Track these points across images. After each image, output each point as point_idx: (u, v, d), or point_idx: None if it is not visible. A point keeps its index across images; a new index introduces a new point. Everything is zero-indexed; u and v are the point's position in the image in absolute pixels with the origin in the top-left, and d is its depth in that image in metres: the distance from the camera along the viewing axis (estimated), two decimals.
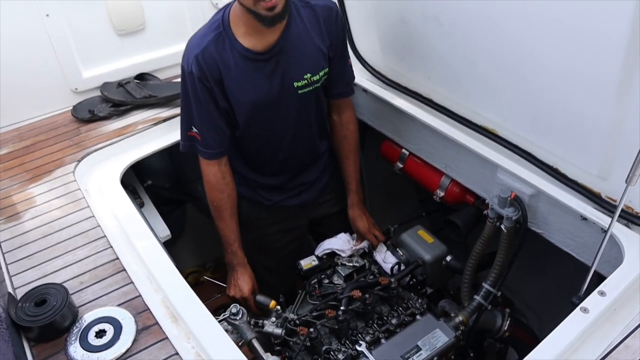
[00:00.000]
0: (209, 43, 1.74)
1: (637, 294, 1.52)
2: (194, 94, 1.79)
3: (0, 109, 2.30)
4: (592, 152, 1.70)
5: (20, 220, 1.85)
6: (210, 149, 1.89)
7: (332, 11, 1.87)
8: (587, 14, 1.46)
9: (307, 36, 1.82)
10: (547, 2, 1.53)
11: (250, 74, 1.78)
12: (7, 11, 2.17)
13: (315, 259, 2.19)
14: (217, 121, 1.85)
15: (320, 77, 1.89)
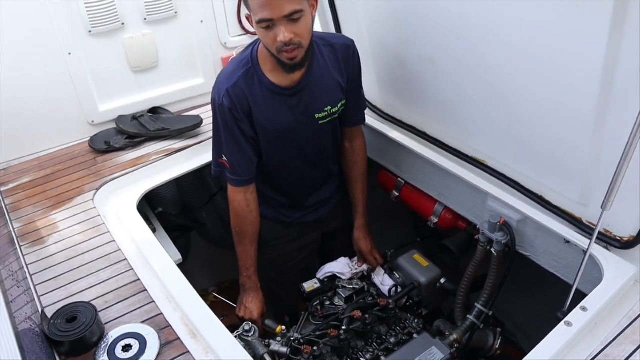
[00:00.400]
0: (239, 78, 1.86)
1: (616, 309, 1.67)
2: (224, 125, 1.91)
3: (22, 139, 2.44)
4: (573, 181, 1.85)
5: (45, 244, 1.97)
6: (238, 176, 2.00)
7: (350, 49, 2.01)
8: (565, 57, 1.61)
9: (327, 72, 1.97)
10: (529, 45, 1.69)
11: (276, 106, 1.92)
12: (33, 49, 2.33)
13: (317, 282, 2.29)
14: (245, 150, 1.96)
15: (339, 109, 2.04)
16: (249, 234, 2.09)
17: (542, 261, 2.05)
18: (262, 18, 1.66)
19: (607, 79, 1.52)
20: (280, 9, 1.63)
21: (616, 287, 1.70)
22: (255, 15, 1.68)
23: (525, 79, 1.80)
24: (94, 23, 2.40)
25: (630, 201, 1.67)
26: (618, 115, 1.57)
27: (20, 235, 2.01)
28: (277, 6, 1.63)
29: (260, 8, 1.64)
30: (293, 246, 2.32)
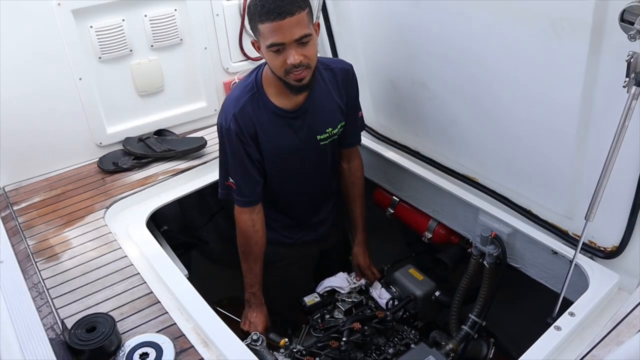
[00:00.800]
0: (245, 103, 1.95)
1: (601, 314, 1.79)
2: (231, 148, 1.99)
3: (32, 160, 2.53)
4: (559, 196, 1.98)
5: (60, 260, 2.05)
6: (244, 197, 2.07)
7: (349, 73, 2.12)
8: (548, 82, 1.76)
9: (328, 95, 2.07)
10: (516, 71, 1.84)
11: (281, 129, 2.01)
12: (46, 74, 2.43)
13: (317, 296, 2.38)
14: (251, 172, 2.03)
15: (339, 130, 2.14)
16: (254, 252, 2.16)
17: (531, 272, 2.17)
18: (274, 42, 1.75)
19: (586, 101, 1.67)
20: (292, 33, 1.74)
21: (601, 294, 1.82)
22: (266, 40, 1.76)
23: (512, 102, 1.94)
24: (104, 50, 2.52)
25: (612, 215, 1.80)
26: (597, 134, 1.71)
27: (34, 251, 2.09)
28: (288, 31, 1.73)
29: (273, 33, 1.73)
30: (294, 266, 2.40)
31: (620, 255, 1.87)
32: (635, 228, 1.79)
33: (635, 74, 1.45)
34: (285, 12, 1.70)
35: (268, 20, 1.72)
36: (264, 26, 1.74)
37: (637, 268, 1.85)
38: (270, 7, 1.71)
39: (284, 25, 1.72)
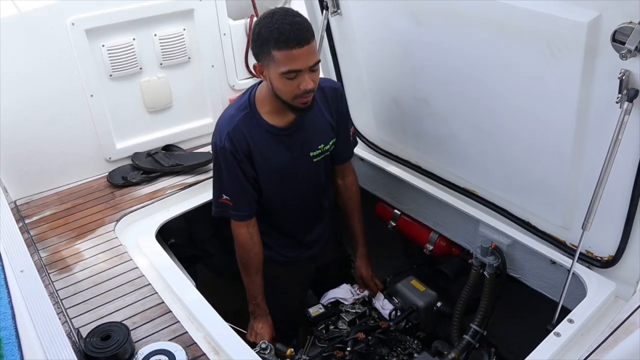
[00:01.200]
0: (239, 122, 1.99)
1: (599, 321, 1.85)
2: (226, 166, 2.03)
3: (42, 175, 2.59)
4: (556, 208, 2.04)
5: (72, 271, 2.11)
6: (241, 212, 2.12)
7: (337, 91, 2.19)
8: (545, 99, 1.83)
9: (319, 113, 2.12)
10: (514, 89, 1.91)
11: (274, 146, 2.06)
12: (59, 92, 2.51)
13: (321, 307, 2.43)
14: (247, 188, 2.08)
15: (330, 146, 2.20)
16: (254, 264, 2.20)
17: (531, 282, 2.22)
18: (292, 69, 1.80)
19: (581, 116, 1.74)
20: (308, 60, 1.81)
21: (599, 301, 1.88)
22: (282, 67, 1.80)
23: (510, 118, 2.01)
24: (115, 68, 2.61)
25: (608, 225, 1.87)
26: (592, 148, 1.78)
27: (47, 263, 2.15)
28: (305, 58, 1.80)
29: (292, 60, 1.78)
30: (290, 283, 2.45)
31: (616, 264, 1.93)
32: (630, 238, 1.85)
33: (627, 90, 1.54)
34: (303, 41, 1.77)
35: (287, 48, 1.76)
36: (281, 53, 1.78)
37: (632, 276, 1.92)
38: (289, 36, 1.75)
39: (302, 53, 1.78)
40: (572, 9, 1.54)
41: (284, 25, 1.76)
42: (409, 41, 2.18)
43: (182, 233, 2.89)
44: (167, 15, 2.67)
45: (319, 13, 2.46)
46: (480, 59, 1.95)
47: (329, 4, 2.36)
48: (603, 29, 1.51)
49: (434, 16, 2.00)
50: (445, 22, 1.97)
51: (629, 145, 1.64)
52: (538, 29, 1.68)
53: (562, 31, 1.62)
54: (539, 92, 1.84)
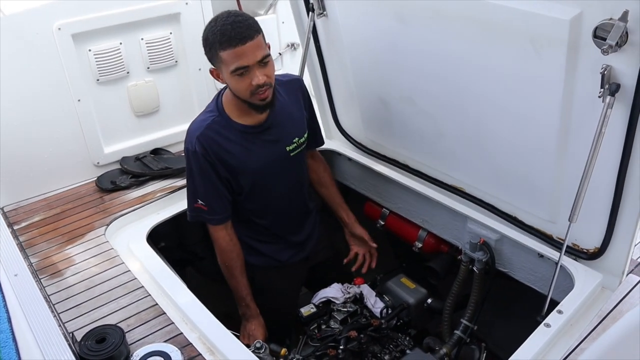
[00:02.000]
0: (208, 125, 2.03)
1: (587, 311, 1.90)
2: (198, 169, 2.06)
3: (30, 181, 2.58)
4: (542, 202, 2.09)
5: (63, 276, 2.10)
6: (217, 215, 2.14)
7: (300, 82, 2.26)
8: (530, 96, 1.87)
9: (288, 107, 2.17)
10: (499, 86, 1.95)
11: (248, 145, 2.08)
12: (46, 97, 2.50)
13: (313, 307, 2.44)
14: (221, 190, 2.10)
15: (305, 139, 2.24)
16: (237, 265, 2.21)
17: (519, 276, 2.26)
18: (238, 66, 1.85)
19: (565, 111, 1.79)
20: (254, 55, 1.85)
21: (586, 292, 1.93)
22: (230, 65, 1.85)
23: (495, 115, 2.05)
24: (102, 72, 2.61)
25: (593, 218, 1.92)
26: (576, 142, 1.83)
27: (38, 269, 2.13)
28: (251, 54, 1.84)
29: (237, 58, 1.83)
30: (284, 286, 2.46)
31: (602, 256, 1.98)
32: (614, 230, 1.90)
33: (609, 84, 1.58)
34: (246, 37, 1.82)
35: (230, 46, 1.82)
36: (227, 53, 1.84)
37: (618, 267, 1.97)
38: (231, 35, 1.81)
39: (246, 50, 1.83)
40: (554, 6, 1.58)
41: (225, 26, 1.82)
42: (394, 41, 2.21)
43: (172, 237, 2.89)
44: (153, 19, 2.68)
45: (305, 15, 2.48)
46: (465, 57, 1.98)
47: (314, 6, 2.38)
48: (584, 26, 1.55)
49: (419, 16, 2.03)
50: (429, 22, 2.00)
51: (612, 139, 1.68)
52: (521, 27, 1.72)
53: (544, 28, 1.66)
54: (524, 89, 1.88)
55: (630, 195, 1.79)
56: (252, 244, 2.32)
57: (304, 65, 2.59)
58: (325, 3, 2.37)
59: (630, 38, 1.48)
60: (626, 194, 1.80)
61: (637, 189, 1.76)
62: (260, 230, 2.32)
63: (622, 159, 1.72)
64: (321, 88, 2.77)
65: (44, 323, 1.38)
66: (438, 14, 1.95)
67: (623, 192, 1.80)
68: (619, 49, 1.50)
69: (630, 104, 1.60)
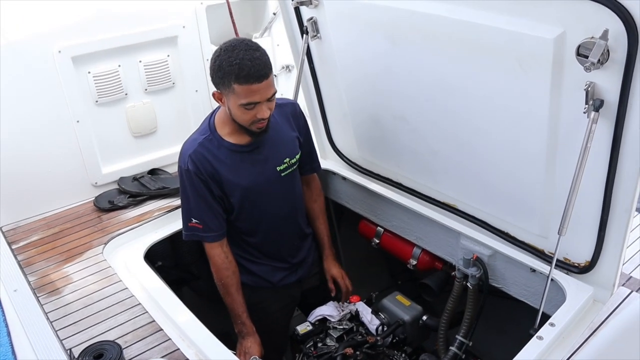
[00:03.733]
0: (200, 144, 2.09)
1: (579, 324, 1.92)
2: (192, 188, 2.10)
3: (29, 201, 2.61)
4: (534, 217, 2.12)
5: (62, 294, 2.12)
6: (213, 232, 2.17)
7: (295, 107, 2.32)
8: (517, 113, 1.92)
9: (280, 128, 2.22)
10: (488, 104, 1.99)
11: (239, 164, 2.13)
12: (45, 117, 2.55)
13: (309, 325, 2.46)
14: (215, 207, 2.14)
15: (297, 160, 2.28)
16: (233, 283, 2.23)
17: (513, 291, 2.28)
18: (251, 101, 1.92)
19: (552, 128, 1.83)
20: (266, 93, 1.94)
21: (578, 305, 1.95)
22: (241, 99, 1.92)
23: (485, 133, 2.09)
24: (101, 94, 2.66)
25: (583, 232, 1.95)
26: (564, 158, 1.87)
27: (36, 287, 2.15)
28: (264, 92, 1.93)
29: (251, 94, 1.91)
30: (276, 306, 2.46)
31: (593, 269, 2.01)
32: (604, 243, 1.93)
33: (593, 100, 1.64)
34: (262, 77, 1.90)
35: (247, 83, 1.89)
36: (242, 87, 1.90)
37: (609, 280, 1.99)
38: (249, 72, 1.87)
39: (261, 88, 1.91)
40: (538, 26, 1.65)
41: (244, 62, 1.87)
42: (386, 62, 2.26)
43: (169, 256, 2.90)
44: (151, 42, 2.75)
45: (299, 37, 2.55)
46: (454, 76, 2.04)
47: (309, 29, 2.45)
48: (568, 44, 1.61)
49: (409, 37, 2.08)
50: (419, 43, 2.06)
51: (598, 153, 1.73)
52: (508, 47, 1.78)
53: (530, 48, 1.72)
54: (512, 106, 1.93)
55: (618, 208, 1.83)
56: (244, 263, 2.33)
57: (298, 86, 2.64)
58: (319, 26, 2.44)
59: (612, 55, 1.54)
60: (614, 207, 1.84)
61: (625, 202, 1.80)
62: (250, 250, 2.34)
63: (609, 173, 1.76)
64: (315, 108, 2.83)
65: (43, 338, 1.40)
66: (428, 36, 2.01)
67: (611, 206, 1.84)
68: (602, 66, 1.56)
69: (614, 119, 1.65)
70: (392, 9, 2.04)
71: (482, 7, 1.76)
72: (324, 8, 2.33)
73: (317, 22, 2.43)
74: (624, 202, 1.80)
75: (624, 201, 1.80)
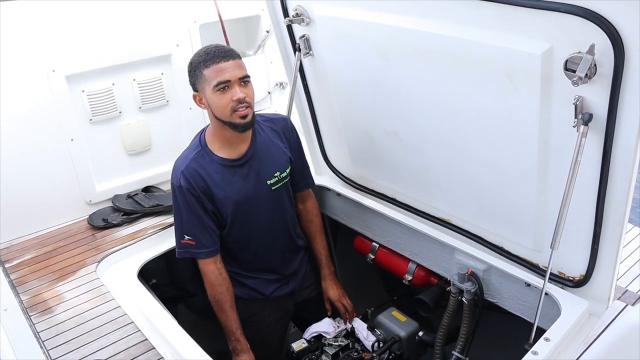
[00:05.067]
0: (192, 160, 2.12)
1: (574, 338, 1.91)
2: (184, 204, 2.12)
3: (23, 219, 2.61)
4: (527, 232, 2.12)
5: (54, 313, 2.11)
6: (206, 248, 2.18)
7: (287, 122, 2.35)
8: (508, 129, 1.93)
9: (271, 142, 2.25)
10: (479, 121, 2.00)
11: (229, 178, 2.15)
12: (39, 136, 2.56)
13: (305, 342, 2.45)
14: (208, 223, 2.15)
15: (287, 174, 2.29)
16: (227, 299, 2.23)
17: (508, 305, 2.27)
18: (221, 80, 1.97)
19: (542, 142, 1.84)
20: (235, 73, 1.99)
21: (573, 319, 1.94)
22: (213, 81, 1.97)
23: (478, 148, 2.10)
24: (95, 112, 2.68)
25: (577, 246, 1.95)
26: (555, 172, 1.87)
27: (28, 306, 2.14)
28: (233, 71, 1.98)
29: (219, 73, 1.97)
30: (269, 320, 2.46)
31: (587, 283, 2.00)
32: (598, 257, 1.93)
33: (582, 114, 1.65)
34: (228, 56, 1.99)
35: (214, 63, 1.97)
36: (209, 69, 1.98)
37: (603, 294, 1.99)
38: (214, 53, 1.98)
39: (228, 66, 1.98)
40: (526, 41, 1.66)
41: (209, 48, 2.02)
42: (377, 78, 2.28)
43: (163, 273, 2.89)
44: (145, 60, 2.77)
45: (292, 55, 2.57)
46: (445, 92, 2.05)
47: (301, 46, 2.47)
48: (556, 59, 1.62)
49: (399, 53, 2.10)
50: (410, 59, 2.07)
51: (589, 167, 1.74)
52: (497, 62, 1.79)
53: (519, 63, 1.73)
54: (503, 121, 1.94)
55: (610, 222, 1.83)
56: (236, 277, 2.33)
57: (291, 103, 2.66)
58: (311, 43, 2.46)
59: (599, 70, 1.56)
60: (606, 220, 1.84)
61: (617, 215, 1.81)
62: (243, 264, 2.35)
63: (600, 186, 1.77)
64: (309, 125, 2.84)
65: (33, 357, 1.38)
66: (417, 52, 2.03)
67: (603, 219, 1.84)
68: (589, 81, 1.57)
69: (603, 133, 1.66)
70: (382, 26, 2.05)
71: (470, 23, 1.77)
72: (316, 25, 2.35)
73: (309, 40, 2.45)
74: (616, 215, 1.81)
75: (616, 214, 1.80)
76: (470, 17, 1.76)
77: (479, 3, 1.69)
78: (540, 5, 1.55)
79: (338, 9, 2.21)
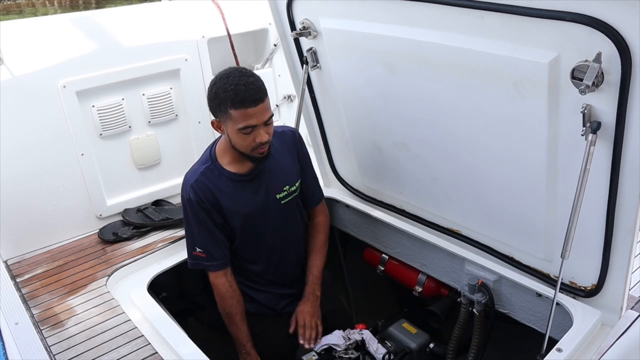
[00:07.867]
0: (202, 174, 2.13)
1: (587, 349, 1.89)
2: (194, 217, 2.14)
3: (34, 234, 2.62)
4: (538, 241, 2.11)
5: (65, 327, 2.11)
6: (216, 261, 2.19)
7: (295, 134, 2.35)
8: (516, 139, 1.93)
9: (280, 156, 2.25)
10: (487, 130, 2.00)
11: (239, 192, 2.16)
12: (50, 151, 2.59)
13: (315, 354, 2.44)
14: (218, 236, 2.17)
15: (297, 188, 2.30)
16: (238, 312, 2.23)
17: (519, 316, 2.26)
18: (247, 125, 1.96)
19: (551, 151, 1.84)
20: (262, 117, 1.98)
21: (585, 329, 1.93)
22: (239, 123, 1.96)
23: (486, 158, 2.10)
24: (105, 127, 2.70)
25: (588, 255, 1.94)
26: (565, 180, 1.87)
27: (39, 320, 2.15)
28: (260, 115, 1.97)
29: (247, 118, 1.95)
30: (280, 334, 2.43)
31: (599, 292, 1.99)
32: (609, 265, 1.92)
33: (590, 123, 1.64)
34: (257, 100, 1.95)
35: (243, 107, 1.94)
36: (238, 112, 1.95)
37: (616, 303, 1.97)
38: (244, 96, 1.93)
39: (257, 111, 1.96)
40: (533, 50, 1.67)
41: (239, 87, 1.93)
42: (384, 90, 2.29)
43: (174, 287, 2.89)
44: (154, 75, 2.80)
45: (300, 68, 2.59)
46: (452, 102, 2.06)
47: (308, 59, 2.49)
48: (562, 68, 1.63)
49: (406, 65, 2.11)
50: (417, 70, 2.08)
51: (598, 175, 1.73)
52: (504, 72, 1.80)
53: (526, 72, 1.73)
54: (511, 130, 1.94)
55: (621, 230, 1.82)
56: (247, 291, 2.33)
57: (299, 116, 2.67)
58: (319, 56, 2.48)
59: (607, 78, 1.55)
60: (617, 229, 1.83)
61: (627, 224, 1.80)
62: (254, 278, 2.35)
63: (610, 194, 1.76)
64: (317, 137, 2.85)
65: None
66: (424, 63, 2.04)
67: (614, 228, 1.83)
68: (597, 89, 1.57)
69: (612, 141, 1.66)
70: (389, 38, 2.07)
71: (476, 34, 1.78)
72: (323, 38, 2.37)
73: (316, 53, 2.47)
74: (627, 224, 1.80)
75: (627, 222, 1.79)
76: (476, 28, 1.77)
77: (484, 13, 1.70)
78: (546, 15, 1.56)
79: (344, 22, 2.23)
